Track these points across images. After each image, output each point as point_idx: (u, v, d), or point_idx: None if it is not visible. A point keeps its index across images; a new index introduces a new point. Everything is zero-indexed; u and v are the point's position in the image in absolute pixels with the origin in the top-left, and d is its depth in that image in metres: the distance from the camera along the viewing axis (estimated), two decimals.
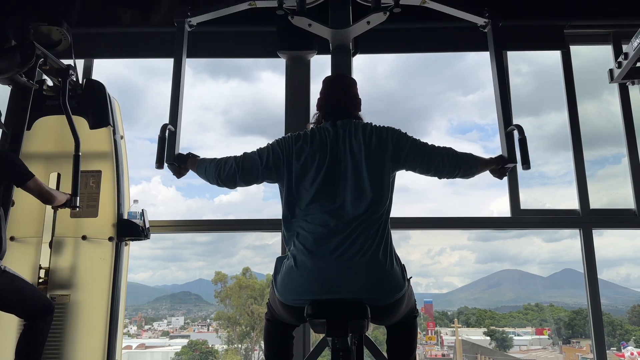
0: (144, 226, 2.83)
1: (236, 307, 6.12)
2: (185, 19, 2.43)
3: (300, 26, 2.53)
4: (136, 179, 8.87)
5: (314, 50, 3.34)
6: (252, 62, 2.53)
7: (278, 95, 3.47)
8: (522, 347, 6.09)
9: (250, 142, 3.17)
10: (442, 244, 9.26)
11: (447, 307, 6.61)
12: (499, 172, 2.19)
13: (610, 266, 5.63)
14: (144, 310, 6.97)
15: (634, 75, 3.07)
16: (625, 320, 5.60)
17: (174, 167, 2.15)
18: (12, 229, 2.67)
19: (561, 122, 3.45)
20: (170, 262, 7.64)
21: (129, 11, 3.47)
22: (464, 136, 11.83)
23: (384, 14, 2.41)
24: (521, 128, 2.21)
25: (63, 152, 2.86)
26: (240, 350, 6.06)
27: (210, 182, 1.99)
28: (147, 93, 10.87)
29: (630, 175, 3.32)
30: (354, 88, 2.07)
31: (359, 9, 2.66)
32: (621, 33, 3.46)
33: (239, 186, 1.96)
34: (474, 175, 2.05)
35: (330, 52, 2.71)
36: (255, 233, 4.03)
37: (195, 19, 2.46)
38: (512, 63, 3.53)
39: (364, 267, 1.70)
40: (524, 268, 7.79)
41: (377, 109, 2.88)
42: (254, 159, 1.90)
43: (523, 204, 3.28)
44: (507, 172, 2.21)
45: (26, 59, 2.47)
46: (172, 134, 2.22)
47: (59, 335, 2.60)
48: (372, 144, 1.83)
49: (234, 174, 1.91)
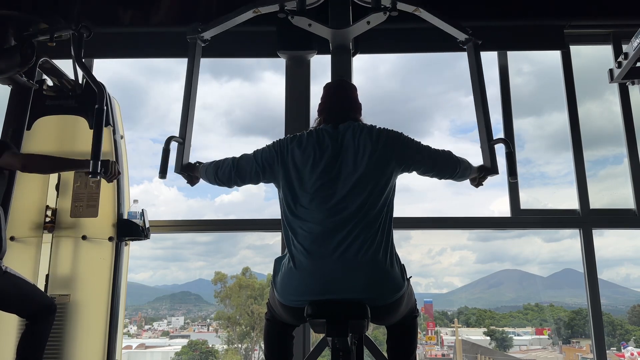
0: (144, 226, 2.83)
1: (236, 307, 6.12)
2: (198, 35, 2.47)
3: (300, 26, 2.53)
4: (138, 179, 8.88)
5: (314, 50, 3.34)
6: (254, 62, 2.56)
7: (280, 96, 3.47)
8: (522, 347, 6.09)
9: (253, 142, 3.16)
10: (443, 243, 9.26)
11: (447, 307, 6.61)
12: (478, 180, 2.26)
13: (610, 266, 5.63)
14: (144, 310, 6.98)
15: (634, 75, 3.07)
16: (625, 320, 5.60)
17: (184, 175, 2.25)
18: (12, 229, 2.67)
19: (563, 122, 3.45)
20: (170, 262, 7.64)
21: (129, 11, 3.47)
22: (465, 136, 11.83)
23: (383, 14, 2.41)
24: (508, 142, 2.30)
25: (63, 152, 2.86)
26: (240, 350, 6.06)
27: (211, 183, 2.08)
28: (149, 93, 10.87)
29: (630, 175, 3.33)
30: (355, 93, 2.09)
31: (358, 9, 2.66)
32: (621, 33, 3.46)
33: (235, 185, 2.02)
34: (465, 179, 2.16)
35: (330, 52, 2.71)
36: (256, 233, 4.04)
37: (207, 34, 2.50)
38: (514, 63, 3.54)
39: (363, 267, 1.70)
40: (524, 268, 7.79)
41: (379, 110, 2.88)
42: (249, 159, 1.96)
43: (523, 204, 3.29)
44: (483, 181, 2.26)
45: (26, 59, 2.47)
46: (181, 144, 2.28)
47: (59, 335, 2.60)
48: (379, 145, 1.83)
49: (229, 172, 1.98)
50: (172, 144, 2.27)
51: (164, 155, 2.22)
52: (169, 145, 2.24)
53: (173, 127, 2.41)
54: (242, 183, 2.01)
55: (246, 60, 5.34)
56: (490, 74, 3.51)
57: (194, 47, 2.47)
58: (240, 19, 2.48)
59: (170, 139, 2.26)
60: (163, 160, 2.22)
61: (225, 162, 2.00)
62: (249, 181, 1.99)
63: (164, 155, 2.22)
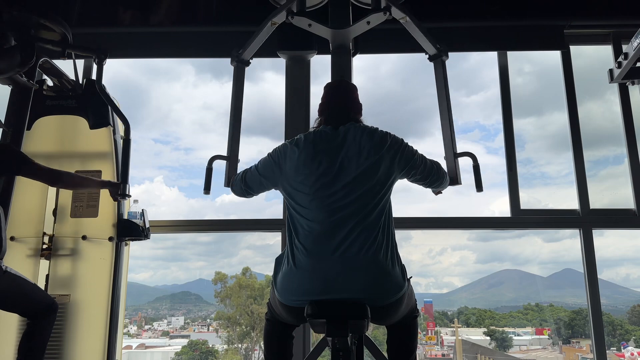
0: (144, 226, 2.83)
1: (236, 307, 6.12)
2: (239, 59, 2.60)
3: (300, 26, 2.53)
4: (139, 179, 8.88)
5: (314, 50, 3.34)
6: (255, 62, 2.56)
7: (281, 96, 3.48)
8: (522, 347, 6.09)
9: (255, 143, 3.17)
10: (443, 244, 9.25)
11: (447, 307, 6.61)
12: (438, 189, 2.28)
13: (610, 266, 5.63)
14: (144, 310, 6.98)
15: (634, 75, 3.07)
16: (625, 320, 5.60)
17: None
18: (12, 229, 2.67)
19: (563, 122, 3.45)
20: (170, 262, 7.63)
21: (129, 11, 3.47)
22: (465, 136, 11.83)
23: (384, 14, 2.41)
24: (474, 156, 2.36)
25: (63, 152, 2.86)
26: (240, 350, 6.06)
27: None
28: (151, 93, 10.88)
29: (630, 175, 3.33)
30: (355, 93, 2.09)
31: (359, 9, 2.66)
32: (621, 33, 3.46)
33: (251, 196, 2.16)
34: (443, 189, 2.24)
35: (330, 52, 2.71)
36: (256, 233, 4.03)
37: (246, 55, 2.61)
38: (514, 63, 3.54)
39: (364, 267, 1.70)
40: (524, 268, 7.79)
41: (380, 110, 2.88)
42: (253, 172, 2.05)
43: (524, 204, 3.29)
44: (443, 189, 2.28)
45: (26, 59, 2.47)
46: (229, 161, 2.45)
47: (59, 335, 2.60)
48: (381, 148, 1.84)
49: (240, 186, 2.13)
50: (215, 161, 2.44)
51: (207, 173, 2.44)
52: (212, 164, 2.44)
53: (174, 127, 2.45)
54: (256, 194, 2.13)
55: None
56: (490, 74, 3.51)
57: (238, 71, 2.61)
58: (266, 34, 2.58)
59: (213, 158, 2.44)
60: (207, 177, 2.43)
61: (237, 177, 2.16)
62: (260, 191, 2.10)
63: (208, 174, 2.44)
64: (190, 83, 12.56)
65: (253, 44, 2.59)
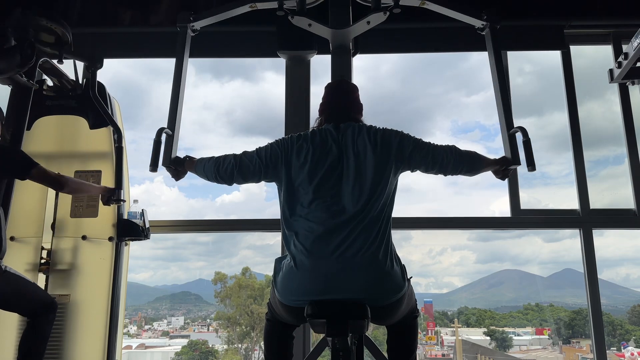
0: (144, 226, 2.83)
1: (236, 307, 6.12)
2: (188, 24, 2.43)
3: (300, 26, 2.53)
4: (139, 179, 8.87)
5: (314, 50, 3.34)
6: (256, 62, 2.55)
7: (281, 96, 3.48)
8: (522, 347, 6.09)
9: (254, 142, 3.17)
10: (443, 244, 9.24)
11: (447, 307, 6.60)
12: (502, 173, 2.18)
13: (610, 266, 5.62)
14: (144, 310, 6.97)
15: (634, 75, 3.07)
16: (625, 320, 5.60)
17: (171, 169, 2.17)
18: (12, 229, 2.67)
19: (564, 122, 3.45)
20: (170, 262, 7.63)
21: (128, 11, 3.47)
22: (466, 135, 11.82)
23: (384, 14, 2.40)
24: (525, 130, 2.18)
25: (63, 152, 2.86)
26: (240, 350, 6.05)
27: (209, 180, 2.00)
28: (152, 93, 10.87)
29: (630, 175, 3.33)
30: (356, 93, 2.09)
31: (359, 9, 2.66)
32: (621, 33, 3.46)
33: (236, 182, 1.96)
34: (478, 173, 2.04)
35: (330, 52, 2.71)
36: (257, 233, 4.03)
37: (198, 24, 2.46)
38: (515, 62, 3.53)
39: (364, 267, 1.70)
40: (524, 268, 7.78)
41: (380, 110, 2.88)
42: (252, 156, 1.92)
43: (524, 204, 3.28)
44: (509, 173, 2.19)
45: (26, 59, 2.47)
46: (170, 137, 2.21)
47: (59, 335, 2.60)
48: (377, 145, 1.83)
49: (231, 170, 1.92)
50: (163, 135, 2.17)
51: (155, 147, 2.11)
52: (161, 137, 2.14)
53: None
54: (244, 181, 1.95)
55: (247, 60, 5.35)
56: (490, 74, 3.51)
57: (184, 36, 2.41)
58: (235, 12, 2.44)
59: (161, 130, 2.16)
60: (154, 152, 2.11)
61: (226, 159, 1.94)
62: (251, 179, 1.94)
63: (155, 147, 2.11)
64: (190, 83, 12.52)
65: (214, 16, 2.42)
